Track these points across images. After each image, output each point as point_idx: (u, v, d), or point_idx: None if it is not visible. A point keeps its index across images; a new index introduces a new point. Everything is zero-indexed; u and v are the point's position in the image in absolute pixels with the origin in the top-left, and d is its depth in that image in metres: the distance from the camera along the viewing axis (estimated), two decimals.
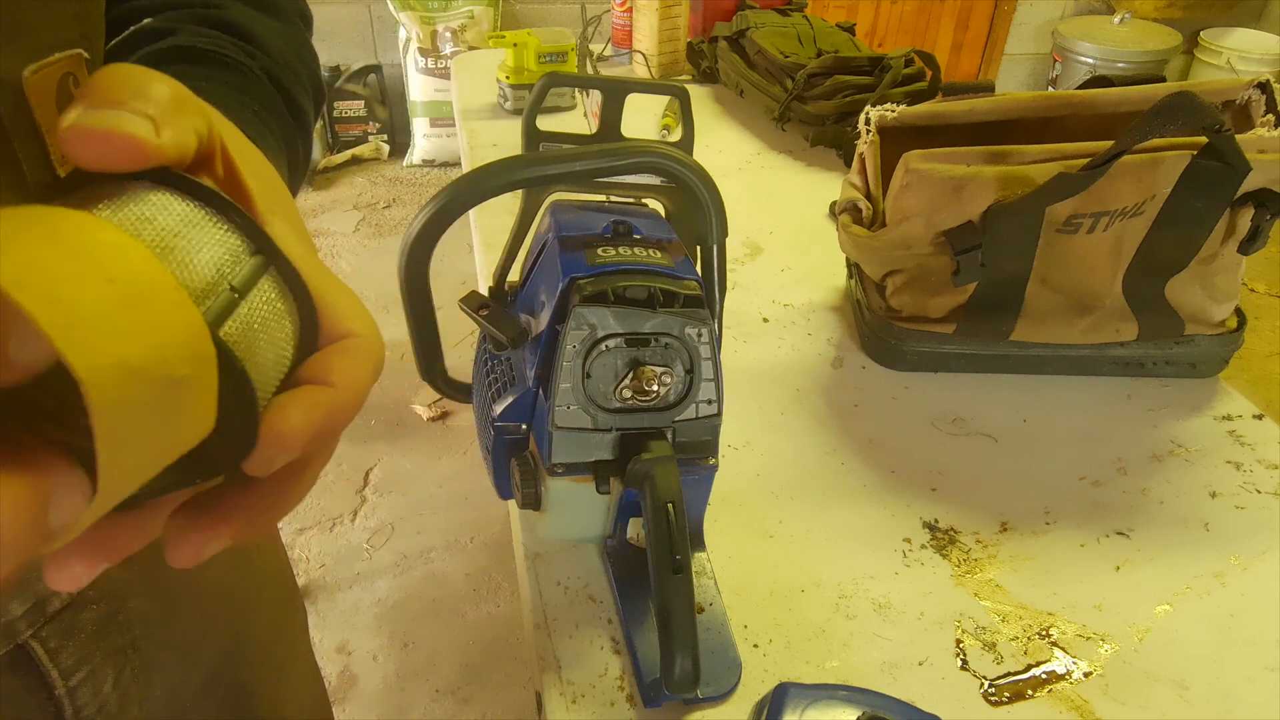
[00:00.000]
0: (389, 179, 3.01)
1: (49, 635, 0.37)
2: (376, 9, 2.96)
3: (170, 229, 0.21)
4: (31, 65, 0.28)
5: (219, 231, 0.23)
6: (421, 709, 1.42)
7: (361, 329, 0.26)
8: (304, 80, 0.45)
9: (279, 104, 0.41)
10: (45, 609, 0.36)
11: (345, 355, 0.25)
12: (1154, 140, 0.58)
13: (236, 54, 0.40)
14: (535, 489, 0.48)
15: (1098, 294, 0.67)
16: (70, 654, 0.38)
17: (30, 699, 0.37)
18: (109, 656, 0.40)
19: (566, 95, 1.25)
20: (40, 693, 0.38)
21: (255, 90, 0.40)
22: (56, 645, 0.38)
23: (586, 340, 0.42)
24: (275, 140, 0.39)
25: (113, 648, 0.40)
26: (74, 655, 0.38)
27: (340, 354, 0.25)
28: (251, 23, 0.43)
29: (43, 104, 0.29)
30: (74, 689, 0.39)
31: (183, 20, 0.41)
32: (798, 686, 0.40)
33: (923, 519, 0.59)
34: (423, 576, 1.64)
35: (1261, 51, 3.14)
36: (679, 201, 0.51)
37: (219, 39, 0.40)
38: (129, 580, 0.41)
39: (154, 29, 0.40)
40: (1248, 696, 0.48)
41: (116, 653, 0.41)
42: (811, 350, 0.75)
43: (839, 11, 3.20)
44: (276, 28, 0.45)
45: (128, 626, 0.41)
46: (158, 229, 0.21)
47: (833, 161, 1.11)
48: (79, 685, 0.39)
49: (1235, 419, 0.69)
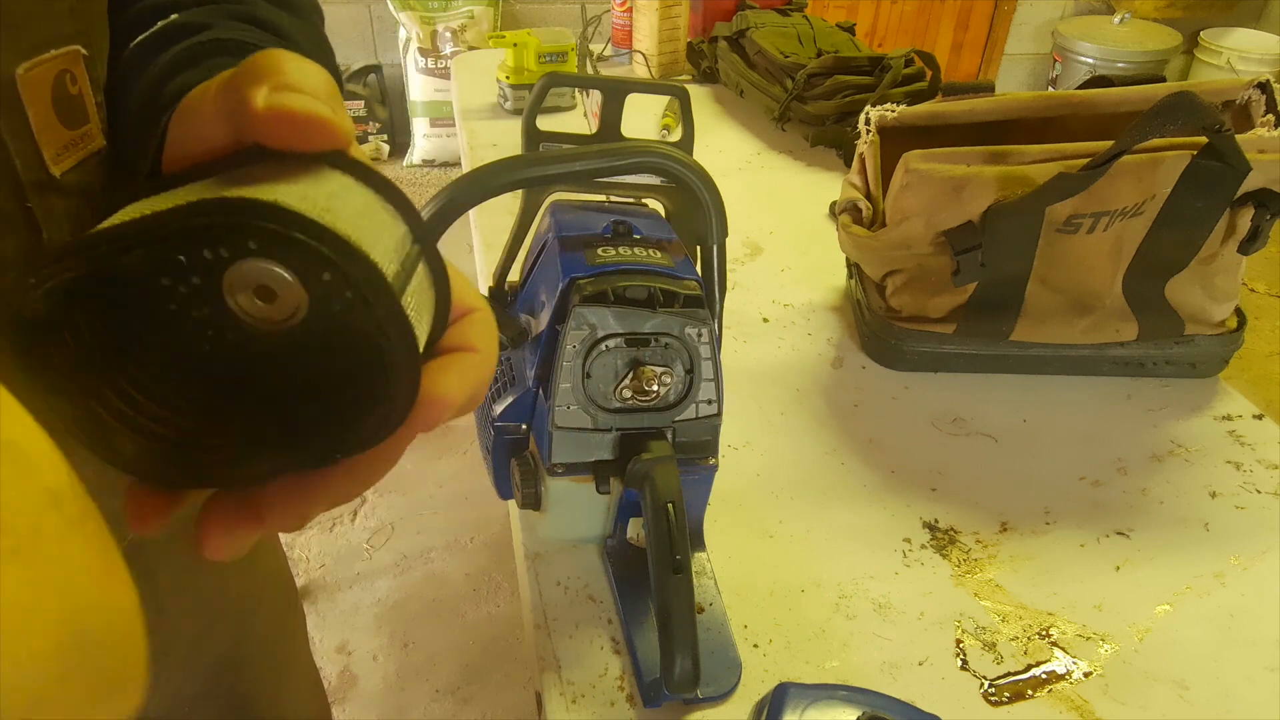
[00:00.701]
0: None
1: None
2: (376, 9, 2.96)
3: (355, 207, 0.22)
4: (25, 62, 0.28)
5: (388, 216, 0.24)
6: (421, 709, 1.42)
7: (480, 304, 0.29)
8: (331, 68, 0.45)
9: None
10: None
11: (478, 324, 0.28)
12: (1154, 140, 0.58)
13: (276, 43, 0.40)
14: (535, 489, 0.48)
15: (1098, 294, 0.67)
16: None
17: None
18: None
19: (566, 95, 1.25)
20: None
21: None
22: None
23: (586, 340, 0.42)
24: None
25: None
26: None
27: (473, 324, 0.28)
28: (278, 19, 0.43)
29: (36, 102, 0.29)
30: None
31: (215, 15, 0.40)
32: (798, 686, 0.40)
33: (923, 519, 0.59)
34: (423, 576, 1.64)
35: (1261, 51, 3.14)
36: (679, 201, 0.51)
37: (254, 33, 0.40)
38: None
39: (186, 23, 0.39)
40: (1248, 696, 0.48)
41: None
42: (811, 350, 0.75)
43: (839, 11, 3.20)
44: (299, 24, 0.45)
45: None
46: (347, 205, 0.22)
47: (833, 161, 1.11)
48: None
49: (1235, 419, 0.69)
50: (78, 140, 0.32)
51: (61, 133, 0.31)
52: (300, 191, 0.21)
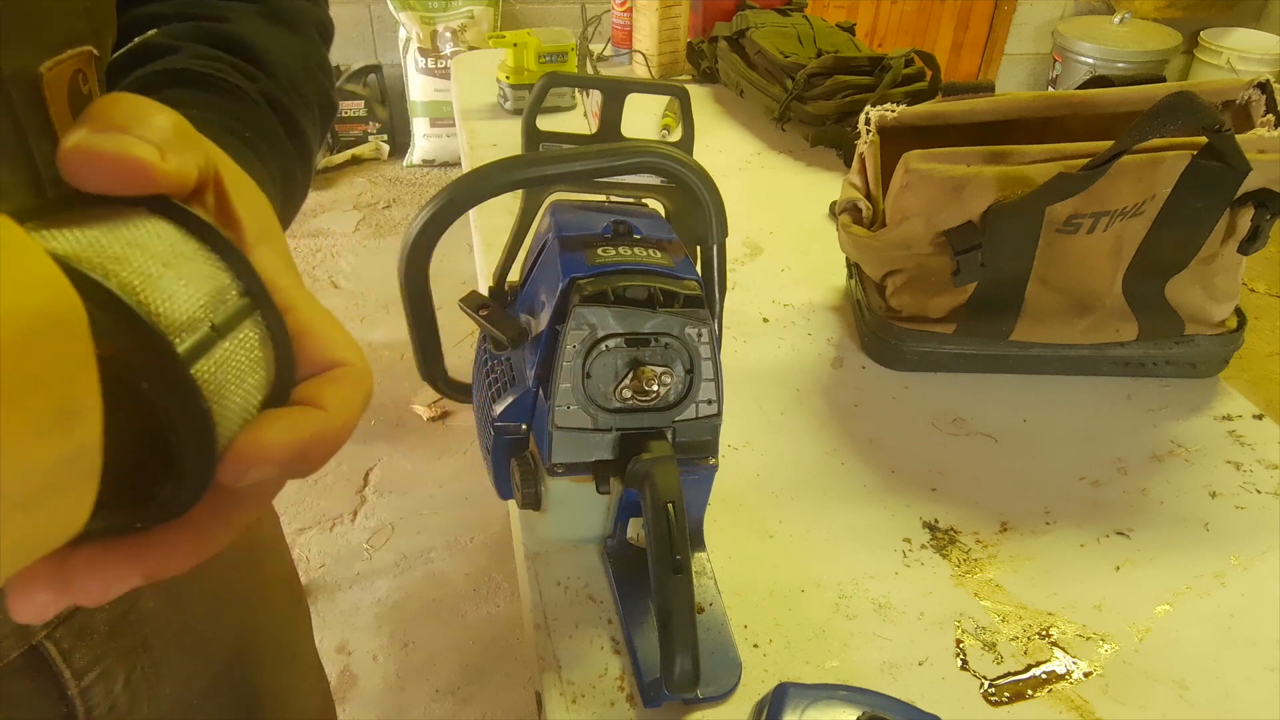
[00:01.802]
0: (389, 179, 3.01)
1: (62, 636, 0.37)
2: (376, 9, 2.96)
3: (160, 257, 0.21)
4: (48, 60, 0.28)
5: (209, 267, 0.23)
6: (421, 709, 1.42)
7: (352, 358, 0.26)
8: (310, 99, 0.45)
9: (276, 129, 0.41)
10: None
11: (336, 382, 0.25)
12: (1154, 140, 0.58)
13: (235, 77, 0.40)
14: (535, 489, 0.48)
15: (1098, 294, 0.67)
16: (83, 655, 0.38)
17: (43, 700, 0.38)
18: (121, 656, 0.40)
19: (566, 95, 1.25)
20: (53, 693, 0.38)
21: (250, 116, 0.39)
22: (70, 646, 0.38)
23: (586, 340, 0.42)
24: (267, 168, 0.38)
25: (125, 648, 0.41)
26: (87, 656, 0.39)
27: (331, 381, 0.25)
28: (259, 37, 0.42)
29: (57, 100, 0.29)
30: (86, 689, 0.39)
31: (188, 35, 0.40)
32: (798, 686, 0.40)
33: (923, 519, 0.59)
34: (423, 576, 1.64)
35: (1261, 51, 3.14)
36: (679, 201, 0.51)
37: (219, 61, 0.40)
38: None
39: (156, 45, 0.39)
40: (1248, 696, 0.48)
41: (128, 653, 0.41)
42: (811, 350, 0.75)
43: (839, 11, 3.20)
44: (286, 41, 0.44)
45: (139, 625, 0.41)
46: (146, 255, 0.21)
47: (833, 161, 1.11)
48: (91, 685, 0.39)
49: (1235, 419, 0.69)
50: None
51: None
52: (91, 239, 0.19)
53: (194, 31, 0.41)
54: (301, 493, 1.79)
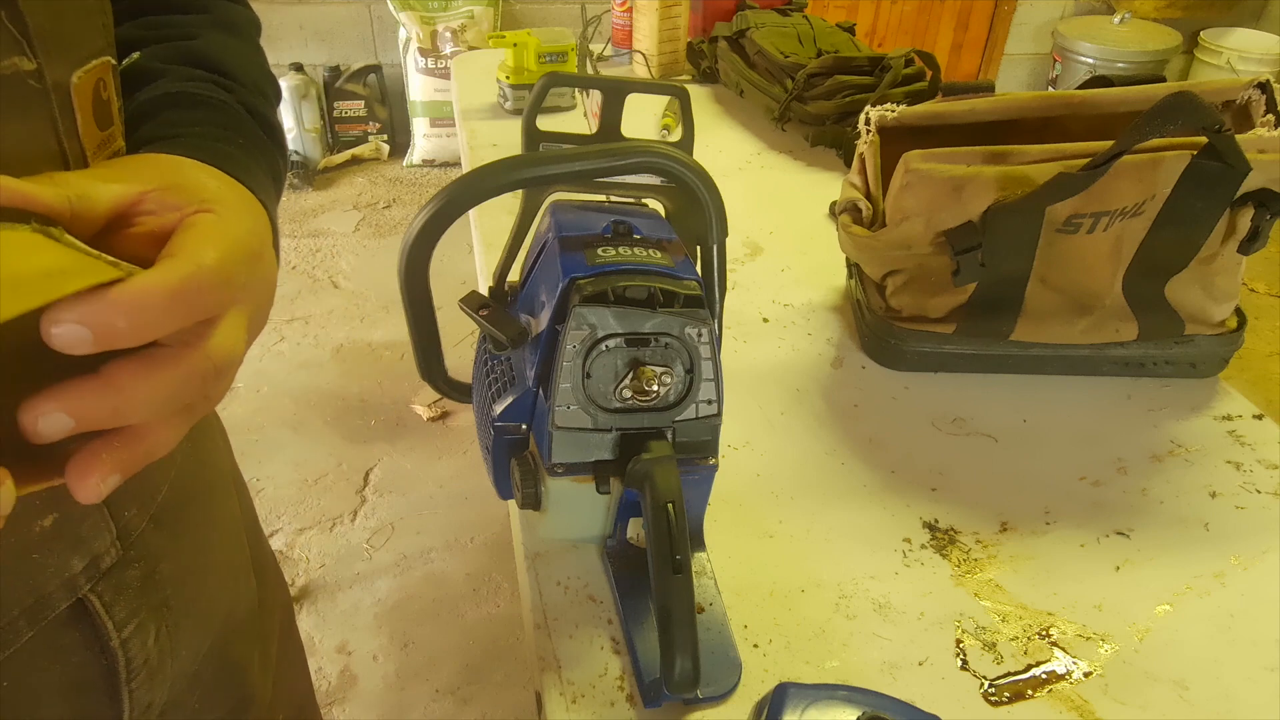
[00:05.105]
0: (389, 179, 3.01)
1: (104, 590, 0.40)
2: (376, 9, 2.96)
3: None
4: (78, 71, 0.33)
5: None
6: (421, 709, 1.42)
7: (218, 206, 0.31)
8: (270, 95, 0.50)
9: (256, 130, 0.46)
10: (100, 565, 0.39)
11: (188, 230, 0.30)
12: (1154, 140, 0.58)
13: (219, 93, 0.45)
14: (535, 489, 0.48)
15: (1098, 294, 0.67)
16: (122, 608, 0.41)
17: (87, 651, 0.40)
18: (152, 611, 0.43)
19: (566, 95, 1.25)
20: (95, 645, 0.40)
21: (238, 124, 0.44)
22: (110, 599, 0.40)
23: (586, 340, 0.42)
24: (259, 164, 0.44)
25: (154, 603, 0.43)
26: (125, 609, 0.41)
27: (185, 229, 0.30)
28: (225, 52, 0.47)
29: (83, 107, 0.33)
30: (126, 640, 0.42)
31: (167, 58, 0.45)
32: (798, 686, 0.40)
33: (923, 519, 0.59)
34: (423, 576, 1.64)
35: (1261, 51, 3.14)
36: (679, 201, 0.51)
37: (202, 80, 0.45)
38: (160, 543, 0.44)
39: (143, 69, 0.44)
40: (1248, 696, 0.48)
41: (157, 608, 0.44)
42: (811, 350, 0.75)
43: (839, 11, 3.20)
44: (240, 48, 0.50)
45: (162, 585, 0.44)
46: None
47: (833, 161, 1.11)
48: (130, 637, 0.42)
49: (1235, 419, 0.69)
50: (106, 141, 0.35)
51: (96, 134, 0.34)
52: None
53: (173, 53, 0.45)
54: (302, 493, 1.79)
